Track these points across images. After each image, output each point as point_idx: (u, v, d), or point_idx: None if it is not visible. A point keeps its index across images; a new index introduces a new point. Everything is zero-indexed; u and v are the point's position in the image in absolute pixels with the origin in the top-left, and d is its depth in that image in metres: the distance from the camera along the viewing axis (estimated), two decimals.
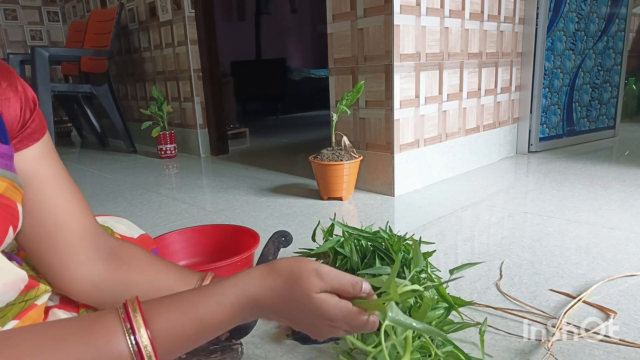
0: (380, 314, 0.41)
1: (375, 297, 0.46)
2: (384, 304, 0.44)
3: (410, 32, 1.70)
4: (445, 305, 0.72)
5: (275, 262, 0.45)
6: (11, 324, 0.46)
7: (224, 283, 0.44)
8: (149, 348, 0.39)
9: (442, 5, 1.83)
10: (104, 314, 0.42)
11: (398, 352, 0.44)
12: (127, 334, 0.39)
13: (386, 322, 0.40)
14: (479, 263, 1.08)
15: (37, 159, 0.50)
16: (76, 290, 0.53)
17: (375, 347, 0.49)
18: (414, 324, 0.41)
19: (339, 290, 0.44)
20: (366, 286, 0.45)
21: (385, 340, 0.44)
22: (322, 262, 0.86)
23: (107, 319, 0.41)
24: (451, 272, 0.72)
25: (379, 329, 0.44)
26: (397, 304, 0.45)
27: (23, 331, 0.39)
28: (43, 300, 0.51)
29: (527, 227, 1.37)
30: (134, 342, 0.39)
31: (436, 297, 0.70)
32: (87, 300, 0.55)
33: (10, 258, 0.54)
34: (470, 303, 0.80)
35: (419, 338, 0.67)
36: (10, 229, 0.45)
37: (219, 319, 0.43)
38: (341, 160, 1.67)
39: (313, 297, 0.42)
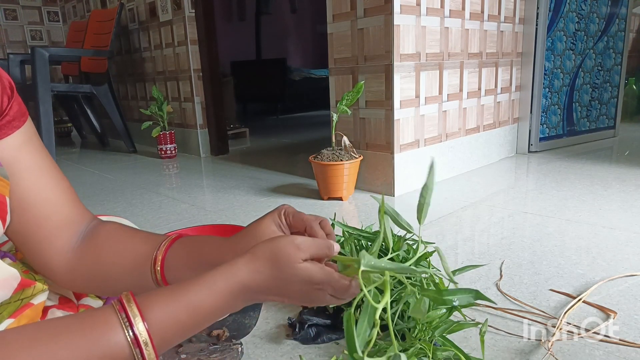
0: (356, 263, 0.46)
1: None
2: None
3: (410, 32, 1.70)
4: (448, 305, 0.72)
5: (255, 247, 0.47)
6: (6, 323, 0.46)
7: (213, 272, 0.45)
8: (145, 334, 0.40)
9: (442, 5, 1.83)
10: (99, 309, 0.42)
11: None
12: (122, 323, 0.40)
13: (362, 268, 0.44)
14: (481, 265, 1.08)
15: (19, 147, 0.49)
16: (55, 278, 0.53)
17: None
18: (388, 265, 0.45)
19: (318, 254, 0.47)
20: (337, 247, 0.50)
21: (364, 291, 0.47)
22: None
23: (102, 312, 0.41)
24: (453, 273, 0.72)
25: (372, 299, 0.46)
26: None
27: (19, 328, 0.39)
28: (40, 299, 0.51)
29: (527, 227, 1.37)
30: (130, 331, 0.39)
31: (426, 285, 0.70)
32: (67, 286, 0.55)
33: (3, 256, 0.54)
34: (472, 304, 0.80)
35: (418, 340, 0.67)
36: None
37: (212, 306, 0.44)
38: (341, 160, 1.67)
39: (297, 267, 0.45)
